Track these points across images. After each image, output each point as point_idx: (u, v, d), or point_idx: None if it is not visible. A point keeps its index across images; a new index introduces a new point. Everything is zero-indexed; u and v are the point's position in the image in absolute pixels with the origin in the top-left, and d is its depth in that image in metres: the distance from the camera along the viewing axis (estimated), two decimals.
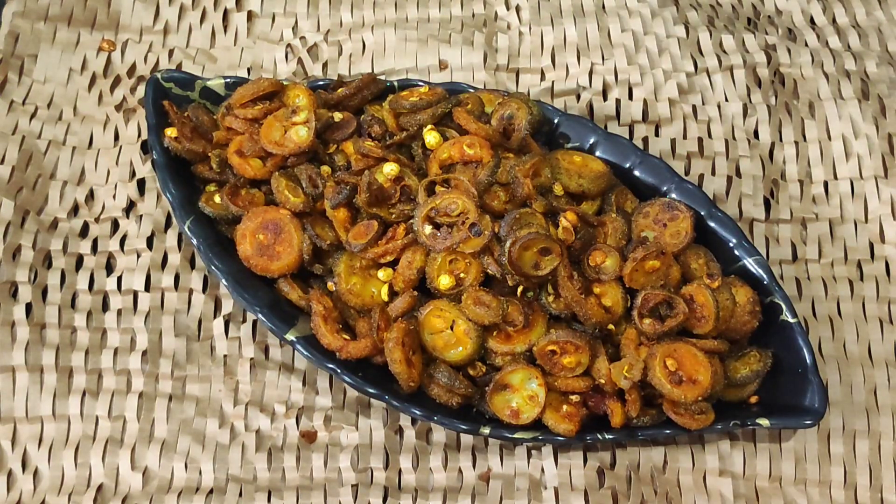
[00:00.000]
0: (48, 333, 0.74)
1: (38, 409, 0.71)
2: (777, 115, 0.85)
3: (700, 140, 0.84)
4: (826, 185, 0.82)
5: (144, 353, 0.73)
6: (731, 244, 0.73)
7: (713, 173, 0.82)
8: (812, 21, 0.92)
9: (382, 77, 0.83)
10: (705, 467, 0.70)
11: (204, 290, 0.76)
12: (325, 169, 0.73)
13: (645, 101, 0.85)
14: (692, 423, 0.66)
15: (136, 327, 0.74)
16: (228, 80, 0.80)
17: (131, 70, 0.86)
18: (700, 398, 0.66)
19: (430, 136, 0.72)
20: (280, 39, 0.88)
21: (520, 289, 0.68)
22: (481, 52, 0.87)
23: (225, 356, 0.74)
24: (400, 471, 0.70)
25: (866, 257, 0.79)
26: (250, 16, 0.90)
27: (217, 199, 0.73)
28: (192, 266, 0.77)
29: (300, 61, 0.87)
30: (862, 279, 0.78)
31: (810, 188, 0.82)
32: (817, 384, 0.68)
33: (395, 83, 0.80)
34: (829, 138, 0.84)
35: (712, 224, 0.74)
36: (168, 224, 0.79)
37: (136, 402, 0.72)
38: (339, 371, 0.68)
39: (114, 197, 0.79)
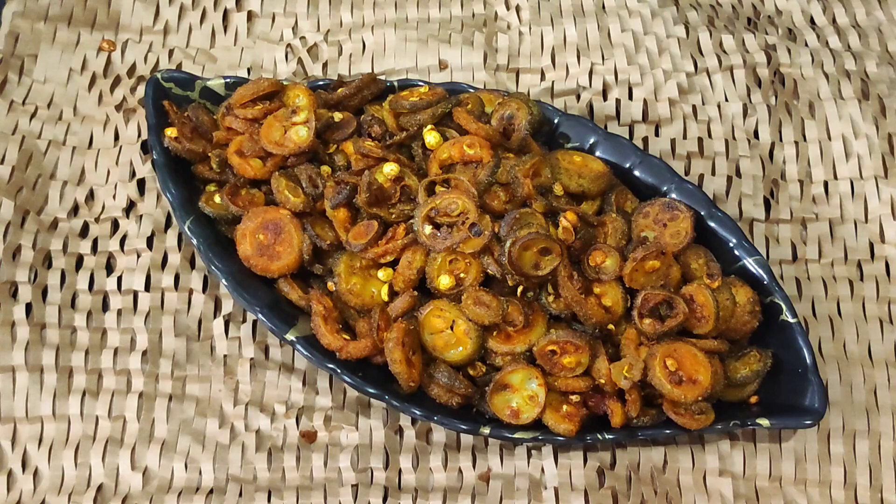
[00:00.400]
0: (48, 333, 0.73)
1: (38, 409, 0.71)
2: (777, 115, 0.85)
3: (700, 140, 0.84)
4: (826, 185, 0.82)
5: (144, 353, 0.73)
6: (731, 244, 0.73)
7: (713, 173, 0.82)
8: (812, 21, 0.92)
9: (382, 77, 0.83)
10: (705, 467, 0.70)
11: (204, 290, 0.76)
12: (325, 169, 0.73)
13: (645, 101, 0.85)
14: (692, 423, 0.66)
15: (136, 327, 0.74)
16: (228, 80, 0.80)
17: (131, 70, 0.86)
18: (700, 398, 0.66)
19: (430, 136, 0.72)
20: (280, 39, 0.88)
21: (520, 289, 0.68)
22: (481, 52, 0.87)
23: (225, 356, 0.74)
24: (400, 471, 0.70)
25: (866, 257, 0.79)
26: (250, 16, 0.90)
27: (217, 199, 0.73)
28: (192, 266, 0.77)
29: (300, 61, 0.87)
30: (862, 279, 0.78)
31: (810, 188, 0.82)
32: (817, 384, 0.68)
33: (395, 83, 0.80)
34: (829, 138, 0.84)
35: (712, 224, 0.74)
36: (168, 224, 0.79)
37: (136, 402, 0.72)
38: (339, 371, 0.68)
39: (114, 197, 0.79)
